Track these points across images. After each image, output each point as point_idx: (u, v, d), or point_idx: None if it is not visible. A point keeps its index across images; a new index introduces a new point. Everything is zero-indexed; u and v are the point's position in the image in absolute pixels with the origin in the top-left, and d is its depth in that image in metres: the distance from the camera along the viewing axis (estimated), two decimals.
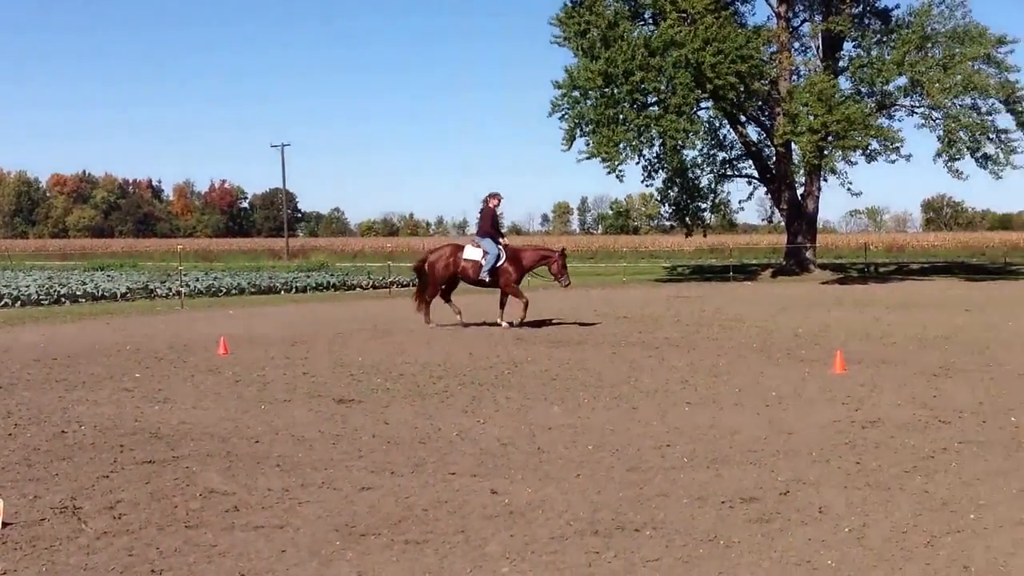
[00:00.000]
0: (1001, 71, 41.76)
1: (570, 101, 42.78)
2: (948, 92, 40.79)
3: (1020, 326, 20.02)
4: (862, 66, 43.19)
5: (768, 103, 46.07)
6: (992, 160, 42.76)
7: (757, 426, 9.79)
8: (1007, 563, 5.70)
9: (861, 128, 40.49)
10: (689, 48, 40.12)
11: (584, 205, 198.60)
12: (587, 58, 41.80)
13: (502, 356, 15.51)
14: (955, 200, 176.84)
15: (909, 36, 41.68)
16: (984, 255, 71.02)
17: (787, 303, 28.13)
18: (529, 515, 6.78)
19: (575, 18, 42.65)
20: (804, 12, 48.25)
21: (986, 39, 41.32)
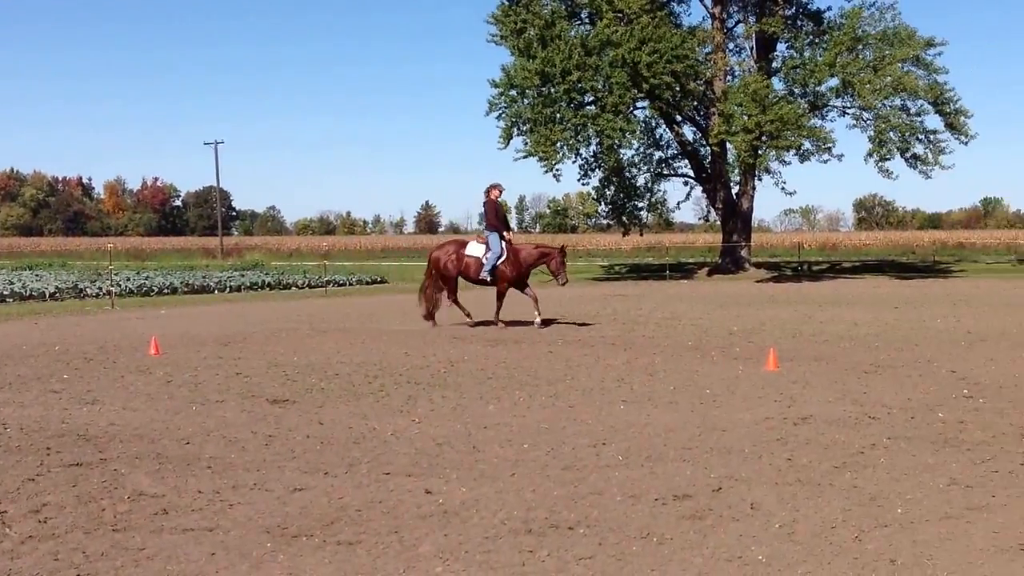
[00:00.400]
0: (930, 73, 42.51)
1: (507, 100, 42.84)
2: (878, 93, 41.40)
3: (948, 324, 20.36)
4: (795, 67, 43.72)
5: (703, 103, 46.46)
6: (921, 160, 43.50)
7: (691, 424, 9.84)
8: (933, 556, 5.78)
9: (794, 128, 40.97)
10: (625, 48, 40.33)
11: (522, 204, 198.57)
12: (524, 57, 41.88)
13: (438, 355, 15.46)
14: (886, 200, 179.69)
15: (840, 38, 42.25)
16: (914, 254, 72.13)
17: (722, 301, 28.37)
18: (463, 514, 6.75)
19: (512, 17, 42.72)
20: (738, 13, 48.73)
21: (915, 41, 42.01)
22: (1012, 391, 11.59)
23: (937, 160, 43.36)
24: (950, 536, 6.14)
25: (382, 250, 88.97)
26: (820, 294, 32.60)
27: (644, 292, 34.22)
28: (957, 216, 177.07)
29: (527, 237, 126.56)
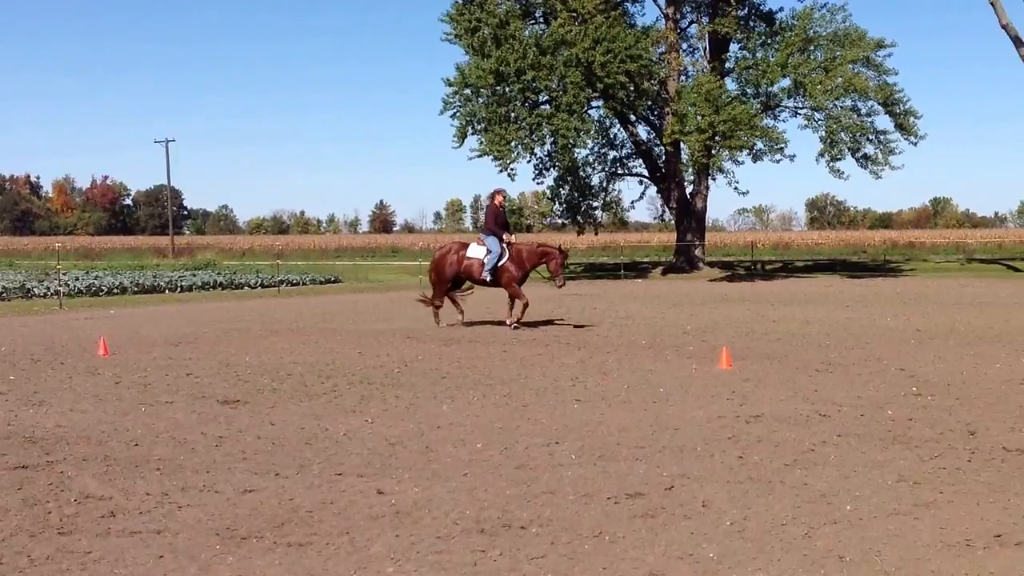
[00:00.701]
0: (880, 74, 43.00)
1: (462, 99, 42.84)
2: (829, 94, 41.81)
3: (898, 322, 20.58)
4: (747, 67, 44.05)
5: (657, 103, 46.69)
6: (872, 160, 43.98)
7: (644, 422, 9.87)
8: (881, 552, 5.83)
9: (747, 128, 41.29)
10: (580, 47, 40.45)
11: (477, 203, 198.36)
12: (478, 56, 41.89)
13: (392, 355, 15.40)
14: (838, 200, 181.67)
15: (792, 39, 42.63)
16: (865, 253, 72.86)
17: (676, 300, 28.52)
18: (415, 515, 6.72)
19: (466, 15, 42.73)
20: (692, 14, 49.02)
21: (865, 42, 42.47)
22: (959, 389, 11.72)
23: (887, 160, 43.87)
24: (898, 532, 6.20)
25: (336, 250, 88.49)
26: (773, 293, 32.86)
27: (599, 291, 34.33)
28: (907, 216, 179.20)
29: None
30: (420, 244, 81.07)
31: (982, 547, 5.90)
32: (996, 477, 7.53)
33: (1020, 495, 7.00)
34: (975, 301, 26.81)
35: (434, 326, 20.00)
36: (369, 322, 21.31)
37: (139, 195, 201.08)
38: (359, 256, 77.99)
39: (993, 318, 21.18)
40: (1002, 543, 5.97)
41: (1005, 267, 50.37)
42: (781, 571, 5.55)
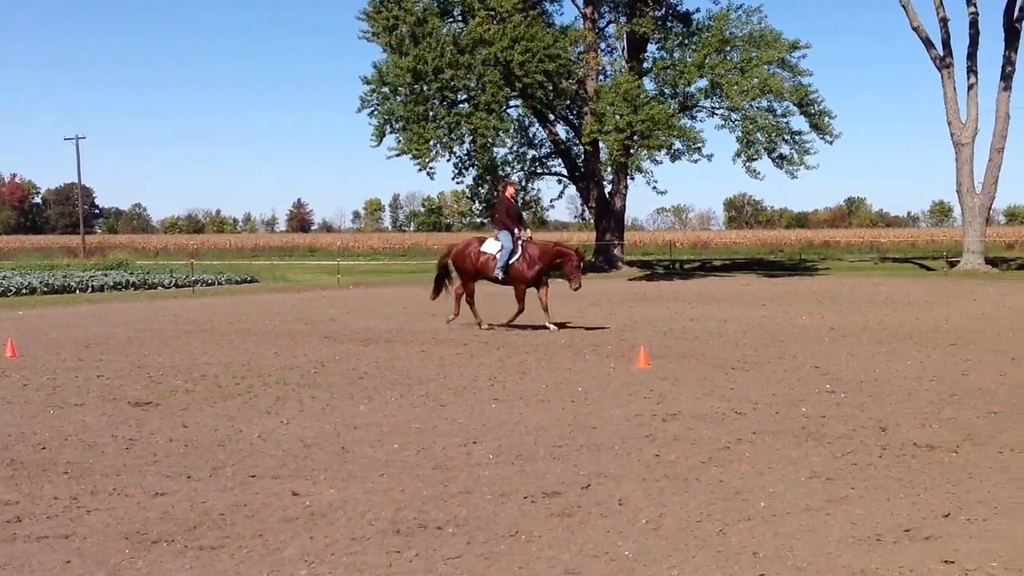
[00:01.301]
0: (795, 75, 43.68)
1: (379, 97, 42.63)
2: (746, 94, 42.35)
3: (813, 320, 20.90)
4: (665, 68, 44.44)
5: (576, 102, 46.89)
6: (787, 160, 44.63)
7: (562, 421, 9.88)
8: (793, 547, 5.89)
9: (665, 128, 41.65)
10: (498, 46, 40.47)
11: (396, 202, 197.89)
12: (396, 54, 41.68)
13: (309, 355, 15.25)
14: (755, 199, 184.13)
15: (709, 39, 43.11)
16: (782, 252, 74.02)
17: (595, 299, 28.61)
18: (330, 516, 6.64)
19: (384, 13, 42.45)
20: (610, 13, 49.32)
21: (780, 44, 43.11)
22: (872, 386, 11.92)
23: (802, 160, 44.55)
24: (810, 528, 6.27)
25: (253, 249, 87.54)
26: (691, 292, 33.18)
27: None
28: (823, 215, 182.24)
29: (400, 237, 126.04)
30: (338, 243, 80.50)
31: (892, 541, 5.99)
32: (906, 472, 7.66)
33: (929, 490, 7.13)
34: (888, 299, 27.33)
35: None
36: (286, 322, 21.07)
37: (49, 193, 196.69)
38: (276, 255, 77.19)
39: (905, 316, 21.61)
40: (911, 537, 6.07)
41: (917, 266, 51.46)
42: (695, 568, 5.58)
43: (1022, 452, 8.27)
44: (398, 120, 42.28)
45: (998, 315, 21.79)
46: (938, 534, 6.11)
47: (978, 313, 22.37)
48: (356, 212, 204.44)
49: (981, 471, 7.66)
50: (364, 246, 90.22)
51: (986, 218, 47.05)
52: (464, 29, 42.88)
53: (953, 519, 6.42)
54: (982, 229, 45.62)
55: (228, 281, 40.67)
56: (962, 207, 45.75)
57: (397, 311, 24.19)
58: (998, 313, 22.32)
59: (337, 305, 26.61)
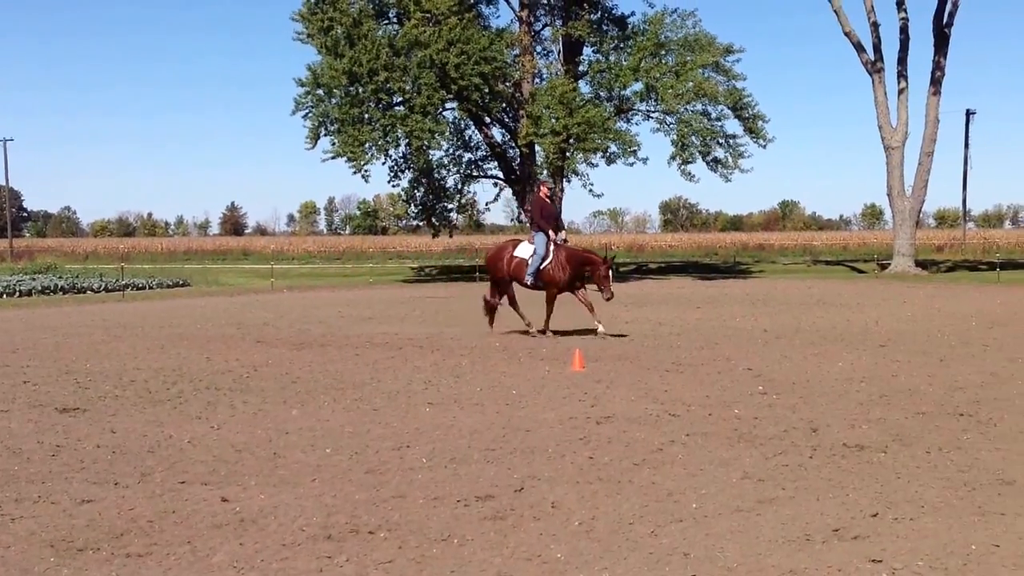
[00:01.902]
0: (729, 79, 44.13)
1: (314, 99, 42.30)
2: (681, 98, 42.66)
3: (746, 323, 21.09)
4: (600, 71, 44.64)
5: (512, 105, 46.89)
6: (722, 164, 45.06)
7: (496, 425, 9.86)
8: (724, 548, 5.93)
9: (601, 131, 41.82)
10: (434, 49, 40.37)
11: (331, 205, 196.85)
12: (331, 56, 41.37)
13: (241, 360, 15.09)
14: (691, 202, 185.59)
15: (644, 43, 43.38)
16: (716, 255, 74.71)
17: (530, 302, 28.58)
18: (261, 522, 6.57)
19: (318, 15, 42.12)
20: (545, 16, 49.38)
21: (715, 48, 43.52)
22: (804, 387, 12.04)
23: (737, 163, 44.98)
24: (741, 528, 6.31)
25: (185, 252, 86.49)
26: (626, 294, 33.25)
27: (454, 294, 34.29)
28: (757, 219, 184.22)
29: (335, 240, 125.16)
30: (272, 247, 79.85)
31: (821, 541, 6.05)
32: (836, 473, 7.74)
33: (858, 490, 7.21)
34: (820, 301, 27.66)
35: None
36: (218, 326, 20.82)
37: None
38: (209, 259, 76.41)
39: (836, 318, 21.88)
40: (840, 537, 6.13)
41: (849, 268, 52.20)
42: (627, 570, 5.59)
43: (949, 452, 8.40)
44: (333, 122, 41.97)
45: (927, 317, 22.13)
46: (866, 533, 6.18)
47: (908, 315, 22.71)
48: (291, 215, 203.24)
49: (909, 471, 7.76)
50: (299, 249, 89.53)
51: (916, 221, 47.80)
52: (399, 31, 42.70)
53: (881, 519, 6.50)
54: (912, 232, 46.36)
55: (159, 285, 40.12)
56: (892, 210, 46.46)
57: (331, 315, 24.02)
58: (927, 315, 22.67)
59: (270, 309, 26.38)
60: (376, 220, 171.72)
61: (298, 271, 56.03)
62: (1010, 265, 47.59)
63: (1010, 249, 68.18)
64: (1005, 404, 10.70)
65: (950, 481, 7.43)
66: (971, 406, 10.60)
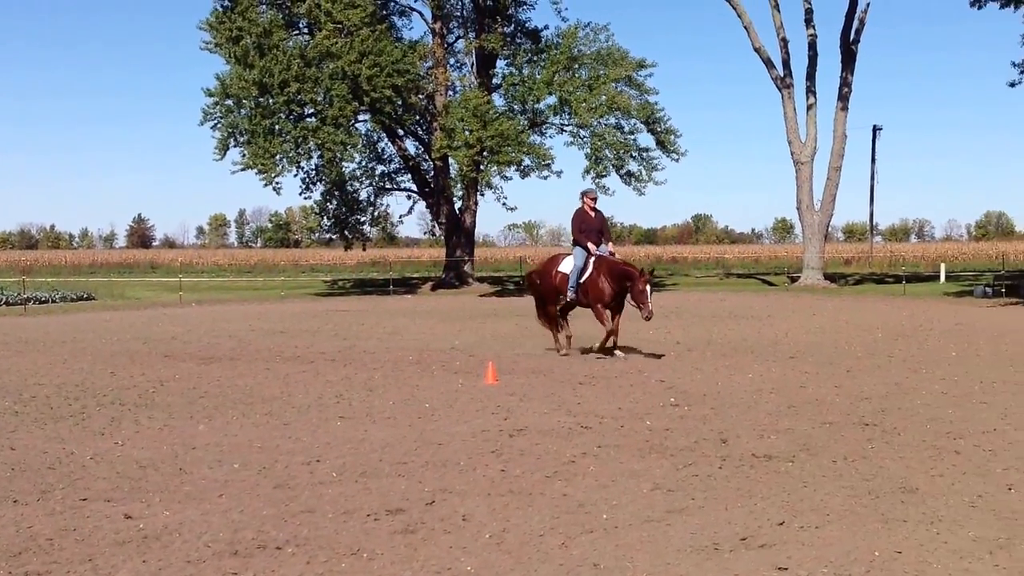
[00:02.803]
0: (642, 93, 44.50)
1: (223, 110, 41.69)
2: (594, 112, 42.92)
3: (659, 335, 21.23)
4: (514, 84, 44.75)
5: (425, 117, 46.79)
6: (635, 177, 45.35)
7: (408, 438, 9.80)
8: (634, 558, 5.95)
9: (515, 144, 41.85)
10: (345, 60, 40.08)
11: (242, 218, 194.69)
12: (241, 66, 40.83)
13: (147, 374, 14.80)
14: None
15: (557, 57, 43.57)
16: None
17: (445, 316, 28.60)
18: (165, 539, 6.43)
19: (227, 24, 41.53)
20: (458, 29, 49.37)
21: (627, 62, 43.88)
22: (714, 398, 12.17)
23: (650, 177, 45.33)
24: (651, 539, 6.34)
25: (90, 265, 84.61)
26: None
27: (367, 307, 34.07)
28: (671, 232, 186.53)
29: (246, 253, 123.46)
30: (181, 260, 78.60)
31: (728, 550, 6.10)
32: (744, 482, 7.82)
33: (766, 499, 7.29)
34: (732, 314, 27.98)
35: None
36: (124, 341, 20.41)
37: None
38: (115, 272, 74.84)
39: (748, 330, 22.16)
40: (747, 545, 6.19)
41: (760, 281, 52.94)
42: None
43: (854, 461, 8.54)
44: (243, 133, 41.40)
45: (835, 329, 22.52)
46: (773, 542, 6.25)
47: (816, 327, 23.09)
48: (200, 228, 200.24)
49: (815, 480, 7.87)
50: (208, 262, 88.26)
51: (825, 235, 48.64)
52: (311, 42, 42.33)
53: (788, 527, 6.58)
54: (821, 246, 47.16)
55: (63, 299, 39.15)
56: (802, 224, 47.23)
57: (242, 328, 23.69)
58: (835, 327, 23.07)
59: (178, 323, 25.94)
60: (288, 233, 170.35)
61: (208, 284, 55.24)
62: (915, 278, 48.69)
63: (915, 262, 69.80)
64: (909, 414, 10.92)
65: (855, 489, 7.55)
66: (876, 416, 10.80)
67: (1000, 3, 35.04)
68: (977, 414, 10.85)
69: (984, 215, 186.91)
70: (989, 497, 7.30)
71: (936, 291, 40.49)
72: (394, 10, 48.67)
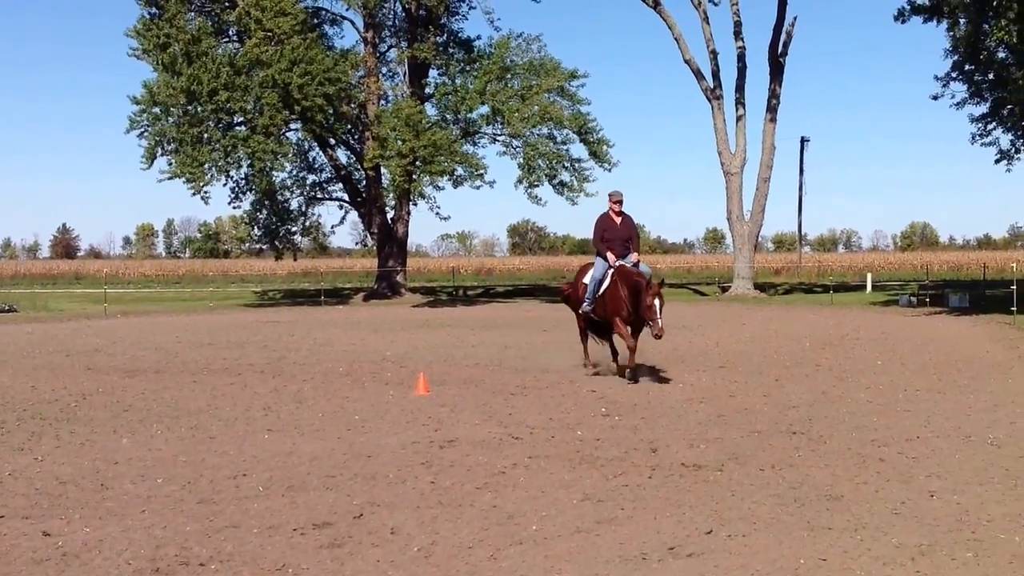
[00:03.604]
0: (574, 103, 44.67)
1: (150, 118, 41.12)
2: (526, 122, 43.02)
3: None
4: (446, 94, 44.69)
5: (357, 127, 46.54)
6: (568, 187, 45.47)
7: (337, 451, 9.70)
8: (562, 569, 5.93)
9: (447, 154, 41.78)
10: (276, 69, 39.73)
11: (170, 227, 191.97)
12: (168, 73, 40.30)
13: (70, 388, 14.51)
14: (539, 226, 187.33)
15: (490, 67, 43.62)
16: (564, 278, 75.29)
17: (377, 326, 28.44)
18: (84, 556, 6.29)
19: (154, 31, 40.98)
20: (391, 38, 49.21)
21: (560, 73, 44.05)
22: (645, 409, 12.21)
23: (582, 187, 45.47)
24: (580, 549, 6.32)
25: (12, 277, 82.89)
26: (474, 318, 33.33)
27: (298, 318, 33.78)
28: None
29: (175, 264, 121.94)
30: (107, 270, 77.26)
31: (656, 559, 6.10)
32: (673, 492, 7.84)
33: (694, 508, 7.31)
34: (663, 324, 28.04)
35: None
36: (46, 353, 20.00)
37: None
38: (38, 283, 73.59)
39: (679, 340, 22.23)
40: (675, 555, 6.20)
41: (692, 291, 53.32)
42: None
43: (782, 469, 8.60)
44: (171, 142, 40.89)
45: (764, 338, 22.75)
46: (700, 551, 6.27)
47: (746, 337, 23.31)
48: (127, 238, 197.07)
49: (743, 489, 7.92)
50: (136, 273, 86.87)
51: (755, 245, 49.17)
52: (240, 50, 41.92)
53: (715, 535, 6.60)
54: (751, 256, 47.65)
55: None
56: (732, 234, 47.69)
57: (168, 340, 23.35)
58: (765, 336, 23.31)
59: (103, 335, 25.49)
60: (218, 243, 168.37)
61: (134, 295, 54.43)
62: (842, 288, 49.43)
63: (843, 272, 70.75)
64: (835, 422, 11.04)
65: (781, 498, 7.60)
66: (803, 424, 10.90)
67: (923, 17, 35.66)
68: (901, 422, 11.01)
69: (909, 226, 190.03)
70: (912, 504, 7.39)
71: (863, 301, 41.13)
72: (325, 19, 48.41)
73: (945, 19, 34.99)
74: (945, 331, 24.41)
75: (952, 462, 8.85)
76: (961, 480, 8.13)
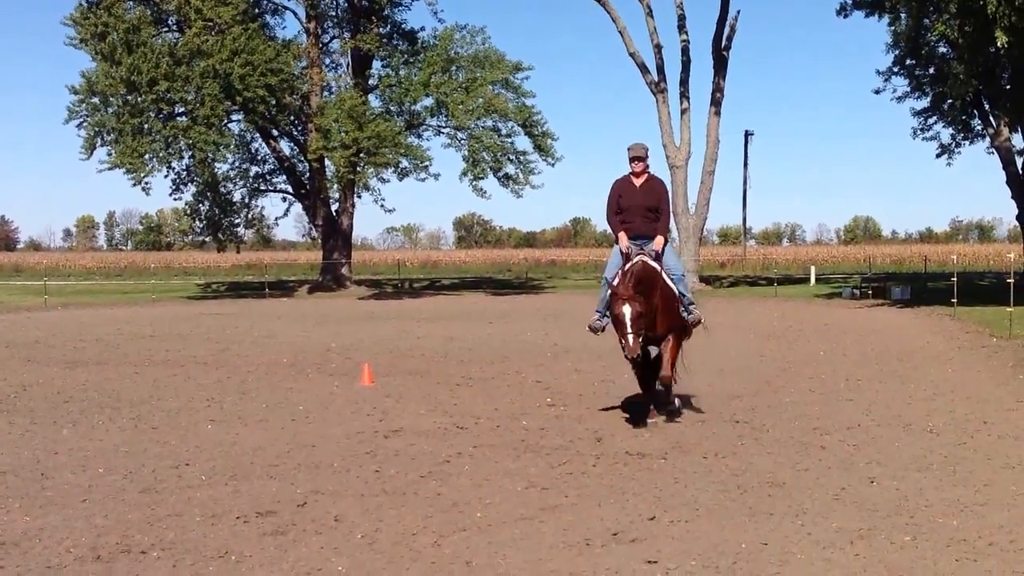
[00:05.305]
0: (519, 96, 44.64)
1: (89, 108, 40.56)
2: (471, 114, 42.97)
3: (537, 337, 21.35)
4: (390, 85, 44.46)
5: (300, 118, 46.21)
6: (513, 180, 45.48)
7: (281, 441, 9.66)
8: (507, 556, 5.96)
9: (391, 146, 41.63)
10: (217, 59, 39.32)
11: (111, 219, 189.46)
12: (108, 63, 39.74)
13: (9, 379, 14.32)
14: (484, 219, 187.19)
15: (434, 58, 43.49)
16: (510, 271, 75.53)
17: (322, 319, 28.30)
18: (24, 545, 6.23)
19: (92, 19, 40.39)
20: (334, 29, 48.89)
21: (504, 65, 44.01)
22: (590, 399, 12.30)
23: (527, 180, 45.50)
24: (524, 536, 6.36)
25: None
26: (420, 310, 33.28)
27: (242, 310, 33.53)
28: (550, 235, 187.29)
29: (116, 256, 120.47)
30: (47, 263, 76.13)
31: (600, 545, 6.15)
32: (617, 479, 7.91)
33: (637, 495, 7.38)
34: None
35: None
36: None
37: None
38: None
39: None
40: (618, 540, 6.26)
41: None
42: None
43: (725, 457, 8.70)
44: (110, 132, 40.35)
45: (709, 330, 22.86)
46: (643, 536, 6.33)
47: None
48: (67, 230, 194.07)
49: (686, 476, 8.00)
50: (76, 265, 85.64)
51: (700, 238, 49.48)
52: (180, 39, 41.43)
53: (658, 522, 6.67)
54: (696, 249, 47.93)
55: None
56: (677, 228, 47.92)
57: (110, 332, 23.08)
58: (709, 328, 23.42)
59: (43, 327, 25.13)
60: (160, 235, 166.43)
61: (75, 288, 53.66)
62: (787, 280, 49.85)
63: (787, 265, 71.35)
64: (777, 411, 11.18)
65: (724, 485, 7.69)
66: (746, 413, 11.03)
67: (865, 12, 36.13)
68: (842, 410, 11.16)
69: (852, 219, 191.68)
70: (852, 490, 7.50)
71: (806, 293, 41.55)
72: (267, 8, 47.91)
73: (887, 13, 35.45)
74: (887, 323, 24.75)
75: (892, 449, 8.99)
76: (900, 467, 8.26)
